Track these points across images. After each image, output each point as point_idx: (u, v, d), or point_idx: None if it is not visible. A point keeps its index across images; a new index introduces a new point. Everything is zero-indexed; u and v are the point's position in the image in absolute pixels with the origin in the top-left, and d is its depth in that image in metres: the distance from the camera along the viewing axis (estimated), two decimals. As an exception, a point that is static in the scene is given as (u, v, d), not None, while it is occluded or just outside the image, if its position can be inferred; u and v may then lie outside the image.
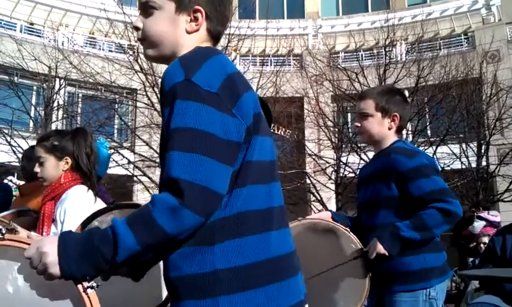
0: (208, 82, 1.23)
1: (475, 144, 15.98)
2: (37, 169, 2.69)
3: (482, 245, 6.60)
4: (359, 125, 2.59)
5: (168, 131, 1.21)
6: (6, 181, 8.37)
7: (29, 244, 1.26)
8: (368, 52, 20.04)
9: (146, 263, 1.34)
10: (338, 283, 2.32)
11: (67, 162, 2.67)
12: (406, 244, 2.25)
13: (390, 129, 2.53)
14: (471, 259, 7.28)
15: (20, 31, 20.18)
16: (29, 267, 1.20)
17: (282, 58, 20.65)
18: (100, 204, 2.64)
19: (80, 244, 1.16)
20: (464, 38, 21.66)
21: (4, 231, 1.51)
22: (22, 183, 4.29)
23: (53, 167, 2.66)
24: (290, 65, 21.76)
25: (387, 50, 16.35)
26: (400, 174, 2.35)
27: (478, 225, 7.38)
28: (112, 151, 14.94)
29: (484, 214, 7.55)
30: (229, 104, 1.24)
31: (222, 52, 1.41)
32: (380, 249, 2.23)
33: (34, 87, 17.34)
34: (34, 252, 1.19)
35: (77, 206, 2.51)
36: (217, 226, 1.21)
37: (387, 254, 2.23)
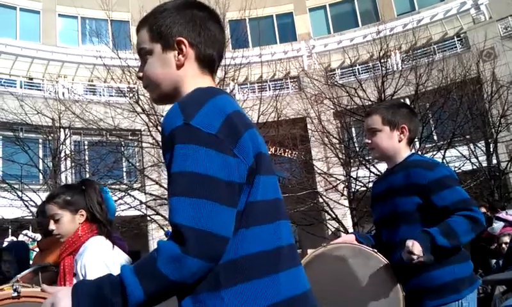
0: (207, 124, 1.22)
1: (483, 144, 15.92)
2: (52, 226, 2.67)
3: (504, 245, 6.51)
4: (369, 141, 2.60)
5: (169, 176, 1.22)
6: (21, 235, 8.41)
7: (44, 298, 1.27)
8: (364, 66, 20.14)
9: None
10: (371, 305, 2.28)
11: (82, 215, 2.68)
12: (436, 252, 2.21)
13: (400, 141, 2.54)
14: (494, 260, 7.18)
15: (21, 87, 20.46)
16: None
17: (280, 82, 20.84)
18: (118, 251, 2.65)
19: (93, 297, 1.16)
20: (458, 40, 21.76)
21: (19, 289, 1.53)
22: (37, 235, 4.31)
23: (69, 222, 2.66)
24: (288, 88, 21.90)
25: (382, 61, 16.41)
26: (422, 187, 2.34)
27: (497, 226, 7.28)
28: (124, 193, 15.02)
29: (503, 214, 7.45)
30: (229, 145, 1.23)
31: (222, 91, 1.38)
32: (420, 250, 2.14)
33: (40, 140, 17.48)
34: None
35: (97, 257, 2.51)
36: (223, 270, 1.19)
37: (423, 259, 2.15)
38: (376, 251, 2.39)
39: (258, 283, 1.21)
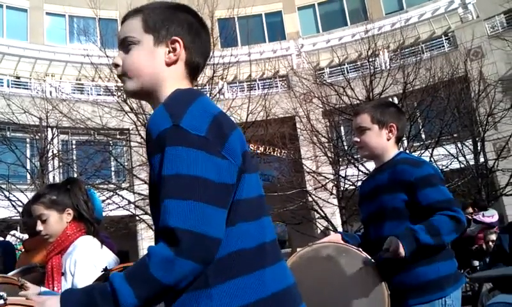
0: (195, 126, 1.22)
1: (471, 142, 16.05)
2: (40, 227, 2.64)
3: (490, 243, 6.58)
4: (358, 140, 2.62)
5: (160, 179, 1.20)
6: (9, 236, 8.34)
7: (30, 306, 1.24)
8: (352, 65, 20.23)
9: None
10: (357, 304, 2.29)
11: (69, 214, 2.66)
12: (420, 248, 2.22)
13: (388, 140, 2.56)
14: (476, 262, 7.28)
15: (8, 86, 20.30)
16: None
17: (269, 81, 20.85)
18: (106, 251, 2.64)
19: (84, 305, 1.15)
20: (445, 39, 21.92)
21: (5, 297, 1.51)
22: (25, 236, 4.27)
23: (57, 222, 2.63)
24: (277, 87, 21.93)
25: (371, 60, 16.49)
26: (407, 184, 2.36)
27: (474, 228, 7.40)
28: (112, 193, 14.94)
29: (479, 217, 7.54)
30: (218, 146, 1.23)
31: (201, 93, 1.39)
32: (401, 248, 2.16)
33: (27, 140, 17.35)
34: None
35: (87, 256, 2.50)
36: (210, 268, 1.20)
37: (403, 255, 2.16)
38: (361, 250, 2.40)
39: (245, 279, 1.22)
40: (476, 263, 7.58)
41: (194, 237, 1.14)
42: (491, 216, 7.64)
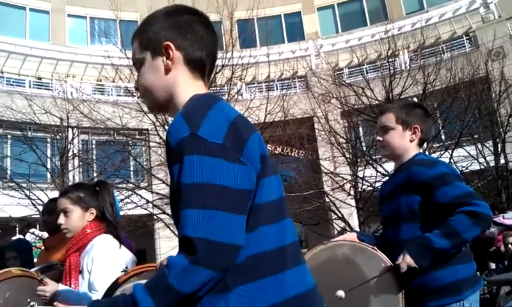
0: (213, 133, 1.22)
1: (491, 143, 15.80)
2: (61, 220, 2.72)
3: (510, 245, 6.49)
4: (381, 139, 2.61)
5: (180, 188, 1.22)
6: (28, 234, 8.48)
7: None
8: (371, 65, 20.07)
9: None
10: (371, 304, 2.28)
11: (92, 213, 2.74)
12: (438, 255, 2.21)
13: (411, 141, 2.54)
14: (493, 264, 7.16)
15: (29, 87, 20.59)
16: None
17: (287, 81, 20.82)
18: (124, 251, 2.68)
19: None
20: (467, 39, 21.63)
21: (35, 306, 1.56)
22: (44, 234, 4.35)
23: (79, 218, 2.71)
24: (295, 87, 21.89)
25: (390, 60, 16.33)
26: (422, 185, 2.34)
27: (494, 230, 7.29)
28: (130, 192, 15.07)
29: (499, 219, 7.44)
30: (236, 153, 1.23)
31: (218, 97, 1.39)
32: (410, 262, 2.20)
33: (48, 140, 17.56)
34: None
35: (105, 255, 2.54)
36: (230, 272, 1.20)
37: (417, 267, 2.19)
38: (376, 249, 2.39)
39: (264, 282, 1.22)
40: (493, 265, 7.48)
41: (211, 245, 1.15)
42: (511, 218, 7.54)
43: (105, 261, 2.51)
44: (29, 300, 1.67)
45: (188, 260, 1.15)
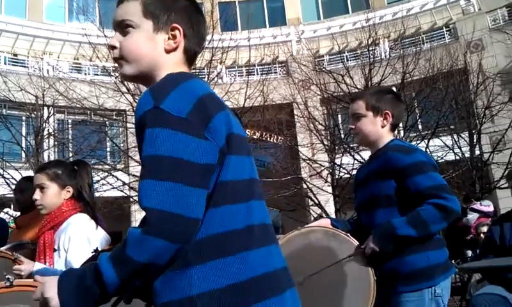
0: (177, 107, 1.22)
1: (467, 134, 16.09)
2: (37, 196, 2.68)
3: (482, 235, 6.62)
4: (353, 126, 2.62)
5: (141, 160, 1.23)
6: (2, 213, 8.35)
7: (35, 287, 1.33)
8: (352, 53, 20.18)
9: (142, 288, 1.34)
10: (343, 288, 2.30)
11: (68, 191, 2.71)
12: (402, 241, 2.25)
13: (383, 127, 2.55)
14: (469, 252, 7.30)
15: (5, 63, 20.23)
16: None
17: (267, 66, 20.77)
18: (101, 232, 2.66)
19: (76, 286, 1.20)
20: (446, 31, 21.86)
21: (12, 279, 1.56)
22: (17, 213, 4.27)
23: (55, 195, 2.68)
24: (276, 73, 21.87)
25: (370, 49, 16.44)
26: (398, 171, 2.35)
27: (472, 217, 7.42)
28: (107, 174, 14.93)
29: (477, 205, 7.59)
30: (200, 127, 1.23)
31: (194, 75, 1.38)
32: (373, 247, 2.27)
33: (23, 118, 17.31)
34: (39, 297, 1.24)
35: (82, 233, 2.53)
36: (192, 249, 1.21)
37: (378, 250, 2.26)
38: (349, 235, 2.40)
39: (227, 260, 1.22)
40: (469, 253, 7.63)
41: (163, 216, 1.15)
42: (488, 206, 7.70)
43: (82, 240, 2.49)
44: (5, 273, 1.70)
45: (142, 230, 1.16)
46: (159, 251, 1.16)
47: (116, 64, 1.50)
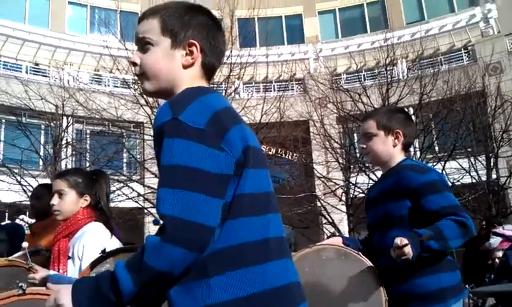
0: (194, 119, 1.26)
1: (484, 158, 15.88)
2: (55, 201, 2.70)
3: (497, 260, 6.51)
4: (364, 146, 2.62)
5: (159, 169, 1.27)
6: (18, 220, 8.43)
7: (48, 295, 1.32)
8: (369, 72, 20.13)
9: (156, 296, 1.36)
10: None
11: (86, 200, 2.73)
12: (424, 252, 2.17)
13: (394, 146, 2.54)
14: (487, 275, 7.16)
15: (26, 72, 20.51)
16: None
17: (285, 83, 20.82)
18: (115, 242, 2.67)
19: (91, 294, 1.21)
20: (465, 52, 21.74)
21: (25, 287, 1.58)
22: (33, 221, 4.32)
23: (72, 202, 2.70)
24: (293, 90, 21.91)
25: (388, 69, 16.41)
26: (412, 190, 2.33)
27: (494, 241, 7.28)
28: (122, 185, 15.03)
29: (500, 230, 7.46)
30: (216, 139, 1.27)
31: (212, 90, 1.42)
32: (409, 248, 2.07)
33: (42, 126, 17.50)
34: (53, 304, 1.24)
35: (96, 242, 2.53)
36: (211, 259, 1.23)
37: (411, 255, 2.08)
38: (360, 253, 2.40)
39: (245, 271, 1.24)
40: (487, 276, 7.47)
41: (180, 224, 1.18)
42: (511, 230, 7.56)
43: (96, 249, 2.47)
44: (17, 281, 1.72)
45: (159, 238, 1.18)
46: (176, 259, 1.18)
47: (136, 77, 1.55)
